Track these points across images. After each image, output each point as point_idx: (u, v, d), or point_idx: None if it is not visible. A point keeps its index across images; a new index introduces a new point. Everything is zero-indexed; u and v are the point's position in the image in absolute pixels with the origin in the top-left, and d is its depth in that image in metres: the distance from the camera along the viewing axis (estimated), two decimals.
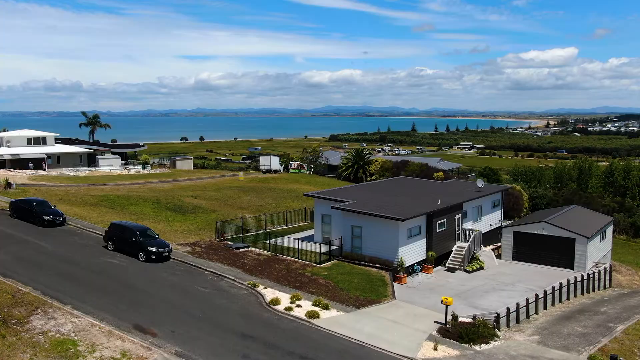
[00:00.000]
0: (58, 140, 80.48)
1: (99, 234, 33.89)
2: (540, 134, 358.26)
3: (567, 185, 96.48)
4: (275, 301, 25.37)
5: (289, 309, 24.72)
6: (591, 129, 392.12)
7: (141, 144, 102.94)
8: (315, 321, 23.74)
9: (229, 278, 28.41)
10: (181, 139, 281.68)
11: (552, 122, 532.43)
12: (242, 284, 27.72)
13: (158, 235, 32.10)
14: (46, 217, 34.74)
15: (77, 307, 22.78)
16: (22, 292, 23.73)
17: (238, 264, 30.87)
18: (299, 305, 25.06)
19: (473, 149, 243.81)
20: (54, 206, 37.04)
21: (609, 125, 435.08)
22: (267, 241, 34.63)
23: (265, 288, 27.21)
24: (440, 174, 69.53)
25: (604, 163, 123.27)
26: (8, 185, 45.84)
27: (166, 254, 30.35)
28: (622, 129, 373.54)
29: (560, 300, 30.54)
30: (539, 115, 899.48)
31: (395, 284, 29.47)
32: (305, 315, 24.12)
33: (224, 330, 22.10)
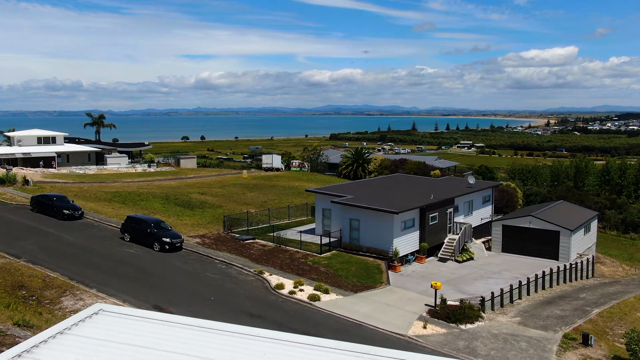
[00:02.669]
0: (66, 140, 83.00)
1: (115, 227, 36.38)
2: (540, 132, 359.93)
3: (564, 183, 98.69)
4: (280, 286, 27.85)
5: (292, 292, 27.20)
6: (591, 127, 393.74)
7: (146, 142, 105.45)
8: (316, 303, 26.22)
9: (237, 266, 30.90)
10: (182, 138, 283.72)
11: (552, 121, 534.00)
12: (249, 271, 30.22)
13: (171, 227, 34.60)
14: (66, 211, 37.23)
15: (102, 290, 25.24)
16: (50, 277, 26.20)
17: (245, 253, 33.37)
18: (301, 290, 27.53)
19: (473, 148, 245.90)
20: (72, 201, 39.53)
21: (609, 124, 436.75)
22: (271, 234, 37.10)
23: (270, 275, 29.70)
24: (437, 172, 71.87)
25: (601, 162, 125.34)
26: (26, 182, 48.41)
27: (179, 244, 32.84)
28: (622, 128, 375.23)
29: (543, 288, 32.98)
30: (540, 114, 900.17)
31: (390, 272, 31.92)
32: (308, 298, 26.60)
33: (234, 310, 24.56)
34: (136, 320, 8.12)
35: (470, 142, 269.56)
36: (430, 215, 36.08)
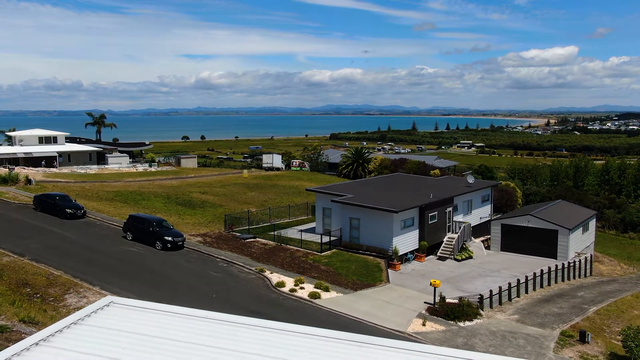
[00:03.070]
0: (67, 140, 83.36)
1: (117, 226, 36.71)
2: (540, 132, 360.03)
3: (564, 182, 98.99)
4: (281, 284, 28.20)
5: (293, 290, 27.55)
6: (591, 127, 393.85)
7: (147, 142, 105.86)
8: (317, 301, 26.56)
9: (238, 264, 31.25)
10: (182, 138, 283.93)
11: (552, 121, 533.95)
12: (250, 269, 30.56)
13: (173, 226, 34.93)
14: (68, 210, 37.58)
15: (105, 288, 25.58)
16: (54, 275, 26.53)
17: (246, 252, 33.71)
18: (302, 288, 27.88)
19: (473, 148, 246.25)
20: (75, 200, 39.87)
21: (609, 124, 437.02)
22: (272, 233, 37.43)
23: (271, 273, 30.05)
24: (437, 171, 72.15)
25: (601, 162, 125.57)
26: (28, 181, 48.77)
27: (180, 243, 33.18)
28: (622, 128, 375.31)
29: (542, 286, 33.31)
30: (540, 113, 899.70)
31: (389, 270, 32.26)
32: (308, 296, 26.94)
33: (236, 308, 24.86)
34: (146, 311, 8.47)
35: (470, 141, 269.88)
36: (430, 214, 36.41)
